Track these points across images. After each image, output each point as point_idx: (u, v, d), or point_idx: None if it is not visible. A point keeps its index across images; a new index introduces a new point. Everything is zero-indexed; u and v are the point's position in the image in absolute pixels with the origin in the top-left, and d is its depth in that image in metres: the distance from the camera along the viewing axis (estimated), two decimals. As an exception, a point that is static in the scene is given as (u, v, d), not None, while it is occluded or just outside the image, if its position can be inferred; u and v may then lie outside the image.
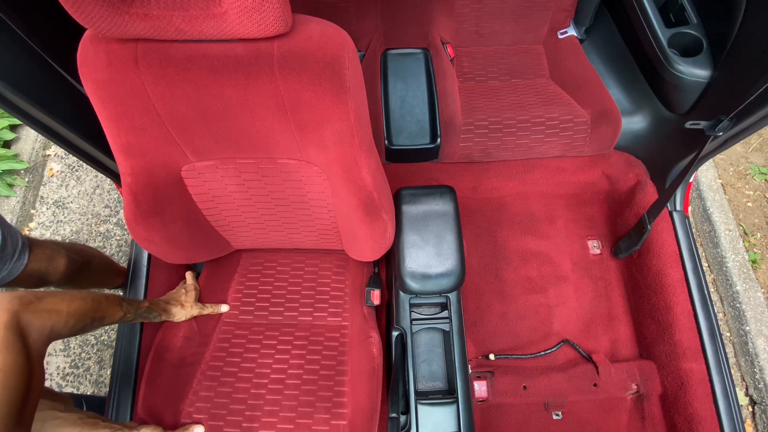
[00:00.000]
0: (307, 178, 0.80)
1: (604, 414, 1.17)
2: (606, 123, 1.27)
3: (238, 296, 1.09)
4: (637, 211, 1.26)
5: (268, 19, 0.54)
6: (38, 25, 0.80)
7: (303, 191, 0.84)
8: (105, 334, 1.65)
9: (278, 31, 0.57)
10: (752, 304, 1.67)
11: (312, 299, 1.08)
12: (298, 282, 1.11)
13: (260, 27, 0.55)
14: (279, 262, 1.13)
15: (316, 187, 0.82)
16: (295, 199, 0.86)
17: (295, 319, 1.06)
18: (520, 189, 1.42)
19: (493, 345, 1.26)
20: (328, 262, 1.13)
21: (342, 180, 0.76)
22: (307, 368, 0.99)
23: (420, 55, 1.39)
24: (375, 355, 0.97)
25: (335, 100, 0.64)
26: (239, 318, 1.06)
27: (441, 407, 0.92)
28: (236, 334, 1.04)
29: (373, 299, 1.06)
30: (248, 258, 1.14)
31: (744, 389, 1.62)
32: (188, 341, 1.01)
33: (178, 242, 0.92)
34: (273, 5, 0.53)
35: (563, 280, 1.33)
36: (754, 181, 1.96)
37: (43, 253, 0.92)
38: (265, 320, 1.06)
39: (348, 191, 0.78)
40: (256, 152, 0.76)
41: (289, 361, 1.00)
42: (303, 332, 1.04)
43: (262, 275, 1.12)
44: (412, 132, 1.32)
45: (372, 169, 0.76)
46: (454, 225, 0.95)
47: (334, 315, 1.06)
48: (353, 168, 0.73)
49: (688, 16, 1.08)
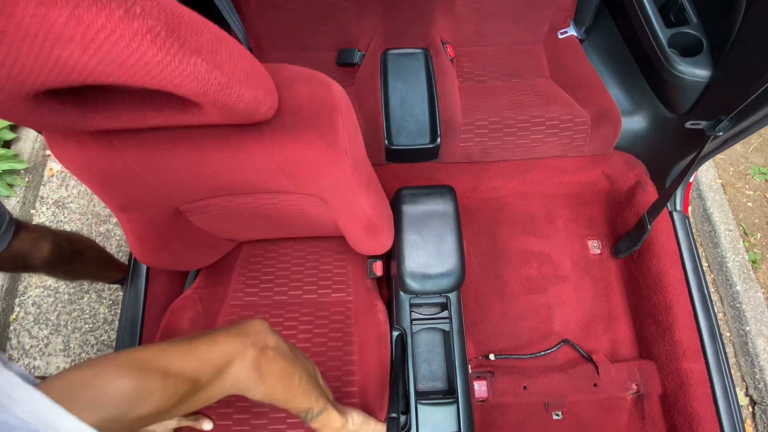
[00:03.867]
0: (306, 203, 0.81)
1: (604, 414, 1.17)
2: (606, 123, 1.27)
3: (242, 278, 1.10)
4: (637, 211, 1.26)
5: (253, 113, 0.50)
6: None
7: (303, 210, 0.85)
8: (105, 334, 1.65)
9: (265, 118, 0.54)
10: (752, 304, 1.67)
11: (315, 277, 1.10)
12: (301, 262, 1.12)
13: (246, 118, 0.51)
14: (281, 245, 1.15)
15: (316, 209, 0.83)
16: (296, 213, 0.87)
17: (300, 297, 1.07)
18: (520, 189, 1.42)
19: (493, 345, 1.26)
20: (329, 246, 1.14)
21: (341, 211, 0.78)
22: (315, 341, 1.01)
23: (420, 55, 1.39)
24: (381, 320, 0.99)
25: (332, 160, 0.62)
26: (244, 300, 1.07)
27: (441, 407, 0.92)
28: (242, 315, 1.05)
29: (375, 270, 1.07)
30: (250, 244, 1.15)
31: (744, 389, 1.62)
32: (194, 323, 1.02)
33: (186, 260, 0.96)
34: (258, 101, 0.49)
35: (563, 280, 1.33)
36: (754, 181, 1.96)
37: (29, 234, 0.92)
38: (270, 300, 1.07)
39: (347, 218, 0.79)
40: (253, 192, 0.76)
41: (296, 336, 1.02)
42: (309, 309, 1.05)
43: (264, 258, 1.13)
44: (412, 132, 1.32)
45: (371, 200, 0.76)
46: (454, 225, 0.95)
47: (338, 291, 1.08)
48: (353, 203, 0.74)
49: (688, 16, 1.08)
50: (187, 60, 0.38)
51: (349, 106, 0.64)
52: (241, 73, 0.44)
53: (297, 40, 1.43)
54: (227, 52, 0.42)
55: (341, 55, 1.41)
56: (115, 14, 0.32)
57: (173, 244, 0.87)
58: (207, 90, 0.41)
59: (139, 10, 0.33)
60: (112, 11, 0.32)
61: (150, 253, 0.84)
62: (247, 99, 0.46)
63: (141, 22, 0.33)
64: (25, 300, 1.70)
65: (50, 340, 1.64)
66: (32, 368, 1.61)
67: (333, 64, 1.43)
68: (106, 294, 1.71)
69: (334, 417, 0.72)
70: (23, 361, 1.63)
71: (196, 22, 0.39)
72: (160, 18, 0.35)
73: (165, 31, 0.35)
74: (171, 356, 0.47)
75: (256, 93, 0.47)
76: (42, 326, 1.66)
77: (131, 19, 0.33)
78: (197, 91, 0.41)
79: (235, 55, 0.44)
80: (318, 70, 0.62)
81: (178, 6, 0.38)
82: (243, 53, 0.45)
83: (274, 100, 0.52)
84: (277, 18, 1.37)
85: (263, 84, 0.49)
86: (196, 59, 0.38)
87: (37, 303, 1.70)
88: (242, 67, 0.44)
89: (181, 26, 0.37)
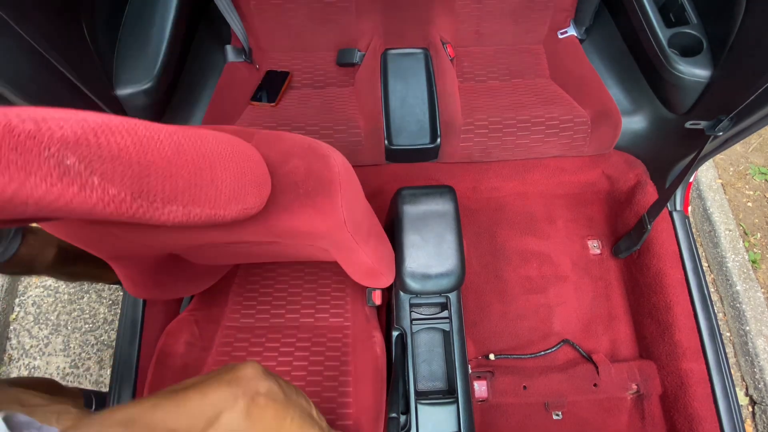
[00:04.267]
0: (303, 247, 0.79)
1: (604, 414, 1.17)
2: (606, 123, 1.27)
3: (239, 299, 1.09)
4: (637, 211, 1.26)
5: (243, 218, 0.47)
6: (40, 24, 0.80)
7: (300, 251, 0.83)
8: (105, 334, 1.65)
9: (257, 212, 0.50)
10: (752, 304, 1.67)
11: (313, 300, 1.08)
12: (299, 284, 1.10)
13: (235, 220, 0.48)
14: (278, 267, 1.14)
15: (316, 251, 0.82)
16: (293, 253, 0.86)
17: (297, 321, 1.06)
18: (520, 189, 1.42)
19: (493, 345, 1.26)
20: (328, 268, 1.13)
21: (340, 259, 0.76)
22: (311, 369, 0.99)
23: (420, 55, 1.39)
24: (378, 354, 0.98)
25: (329, 229, 0.60)
26: (240, 321, 1.06)
27: (441, 407, 0.92)
28: (238, 338, 1.04)
29: (374, 299, 1.06)
30: (247, 265, 1.15)
31: (744, 389, 1.62)
32: (190, 346, 1.01)
33: (181, 290, 0.94)
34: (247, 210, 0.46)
35: (563, 280, 1.33)
36: (754, 181, 1.96)
37: (36, 240, 0.93)
38: (267, 323, 1.06)
39: (346, 265, 0.78)
40: (249, 243, 0.75)
41: (292, 362, 1.00)
42: (305, 334, 1.04)
43: (261, 278, 1.12)
44: (412, 132, 1.32)
45: (371, 251, 0.74)
46: (454, 225, 0.95)
47: (336, 315, 1.06)
48: (351, 256, 0.73)
49: (688, 16, 1.08)
50: (160, 211, 0.35)
51: (350, 172, 0.61)
52: (227, 194, 0.42)
53: (297, 40, 1.43)
54: (209, 179, 0.39)
55: (341, 55, 1.41)
56: (68, 190, 0.29)
57: (166, 281, 0.85)
58: (190, 222, 0.39)
59: (97, 181, 0.30)
60: (65, 188, 0.29)
61: (143, 291, 0.82)
62: (233, 215, 0.44)
63: (100, 193, 0.30)
64: (25, 300, 1.70)
65: (50, 339, 1.64)
66: (32, 368, 1.61)
67: (333, 64, 1.43)
68: (106, 294, 1.71)
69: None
70: (23, 360, 1.63)
71: (169, 163, 0.35)
72: (124, 182, 0.32)
73: (131, 196, 0.32)
74: (161, 414, 0.47)
75: (245, 205, 0.45)
76: (42, 326, 1.66)
77: (89, 193, 0.30)
78: (179, 225, 0.39)
79: (219, 178, 0.40)
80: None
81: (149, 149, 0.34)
82: (231, 167, 0.42)
83: (265, 196, 0.49)
84: (277, 18, 1.37)
85: (253, 189, 0.46)
86: (171, 207, 0.36)
87: (37, 303, 1.70)
88: (227, 187, 0.41)
89: (150, 180, 0.34)
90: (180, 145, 0.37)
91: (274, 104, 1.32)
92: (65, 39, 0.89)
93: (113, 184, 0.31)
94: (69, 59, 0.87)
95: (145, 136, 0.34)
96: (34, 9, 0.79)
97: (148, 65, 1.07)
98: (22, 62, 0.77)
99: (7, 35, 0.73)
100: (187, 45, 1.28)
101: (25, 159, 0.28)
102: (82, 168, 0.29)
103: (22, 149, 0.27)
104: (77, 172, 0.29)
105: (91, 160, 0.30)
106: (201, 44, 1.35)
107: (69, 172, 0.29)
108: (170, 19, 1.13)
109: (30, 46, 0.77)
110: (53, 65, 0.82)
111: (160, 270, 0.81)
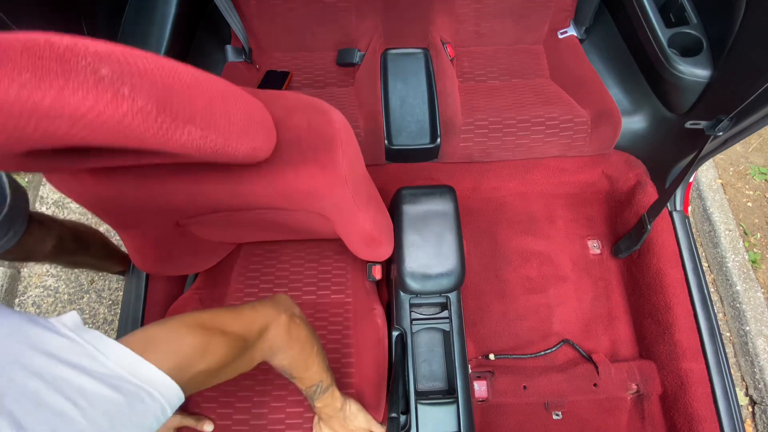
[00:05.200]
0: (305, 215, 0.81)
1: (604, 414, 1.17)
2: (606, 123, 1.27)
3: (241, 279, 1.10)
4: (637, 211, 1.26)
5: (252, 159, 0.49)
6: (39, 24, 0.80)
7: (302, 220, 0.85)
8: (105, 334, 1.65)
9: (264, 158, 0.53)
10: (752, 304, 1.67)
11: (315, 278, 1.10)
12: (300, 263, 1.12)
13: (244, 162, 0.51)
14: (280, 246, 1.15)
15: (315, 219, 0.83)
16: (295, 223, 0.88)
17: (300, 298, 1.07)
18: (520, 189, 1.42)
19: (493, 345, 1.26)
20: (329, 247, 1.14)
21: (341, 225, 0.78)
22: None
23: (420, 55, 1.39)
24: (380, 325, 0.99)
25: (332, 187, 0.62)
26: (244, 300, 1.08)
27: (441, 407, 0.92)
28: None
29: (375, 274, 1.07)
30: (249, 245, 1.16)
31: (744, 389, 1.62)
32: None
33: (186, 266, 0.97)
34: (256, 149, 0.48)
35: (563, 280, 1.33)
36: (754, 181, 1.96)
37: (38, 229, 0.96)
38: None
39: (347, 232, 0.80)
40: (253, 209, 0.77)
41: None
42: (308, 310, 1.06)
43: (264, 258, 1.13)
44: (412, 132, 1.32)
45: (371, 217, 0.76)
46: (454, 225, 0.95)
47: (338, 292, 1.08)
48: (352, 221, 0.75)
49: (688, 16, 1.08)
50: (180, 130, 0.37)
51: (349, 131, 0.63)
52: (238, 127, 0.44)
53: (297, 40, 1.43)
54: (222, 111, 0.42)
55: (341, 55, 1.41)
56: (102, 98, 0.31)
57: (173, 253, 0.88)
58: (203, 151, 0.41)
59: (127, 91, 0.32)
60: (99, 95, 0.31)
61: (150, 263, 0.85)
62: (244, 151, 0.46)
63: (130, 103, 0.33)
64: (25, 300, 1.70)
65: (50, 340, 1.64)
66: (32, 368, 1.61)
67: (333, 64, 1.43)
68: (106, 294, 1.71)
69: (336, 396, 0.78)
70: (23, 361, 1.63)
71: (188, 87, 0.38)
72: (151, 95, 0.34)
73: (156, 109, 0.35)
74: (225, 318, 0.55)
75: (254, 143, 0.47)
76: (42, 326, 1.66)
77: (120, 102, 0.32)
78: (194, 153, 0.41)
79: (231, 111, 0.43)
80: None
81: (170, 74, 0.37)
82: (240, 104, 0.45)
83: (272, 141, 0.52)
84: (277, 18, 1.37)
85: (261, 130, 0.49)
86: (190, 128, 0.38)
87: (37, 303, 1.70)
88: (238, 121, 0.44)
89: (172, 98, 0.36)
90: (196, 77, 0.40)
91: (274, 104, 1.32)
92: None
93: (141, 96, 0.33)
94: None
95: (165, 64, 0.37)
96: (33, 9, 0.79)
97: None
98: None
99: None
100: (187, 45, 1.29)
101: (64, 67, 0.30)
102: (115, 78, 0.32)
103: (62, 59, 0.30)
104: (110, 80, 0.32)
105: (122, 72, 0.33)
106: (201, 44, 1.35)
107: (103, 80, 0.31)
108: (170, 19, 1.13)
109: None
110: None
111: (167, 242, 0.82)
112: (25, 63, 0.29)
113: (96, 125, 0.32)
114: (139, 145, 0.36)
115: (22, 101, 0.29)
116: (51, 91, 0.29)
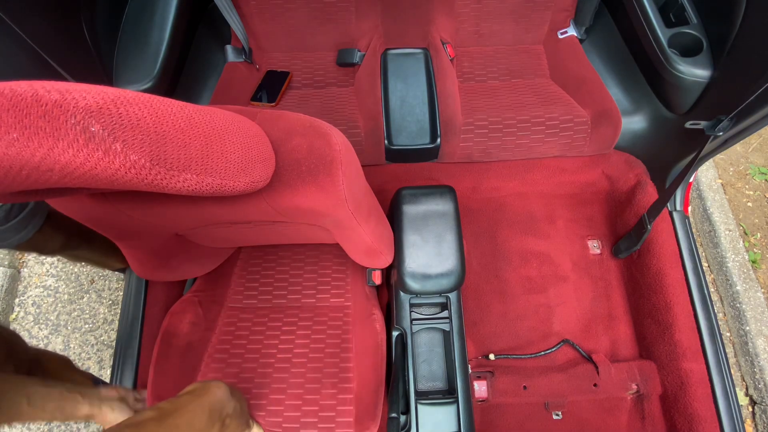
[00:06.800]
0: (306, 227, 0.81)
1: (604, 414, 1.17)
2: (606, 123, 1.27)
3: (241, 281, 1.10)
4: (637, 211, 1.26)
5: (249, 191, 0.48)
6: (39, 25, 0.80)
7: (302, 231, 0.86)
8: (105, 334, 1.65)
9: (263, 186, 0.52)
10: (752, 304, 1.67)
11: (314, 281, 1.10)
12: (300, 266, 1.12)
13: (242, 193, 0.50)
14: (280, 249, 1.15)
15: (316, 230, 0.83)
16: (295, 233, 0.88)
17: (299, 302, 1.08)
18: (520, 189, 1.42)
19: (493, 345, 1.26)
20: (329, 250, 1.15)
21: (341, 238, 0.78)
22: (313, 347, 1.01)
23: (420, 55, 1.39)
24: (378, 330, 0.99)
25: (331, 206, 0.61)
26: (243, 302, 1.08)
27: (441, 407, 0.92)
28: (241, 318, 1.06)
29: (374, 279, 1.07)
30: (249, 249, 1.16)
31: (744, 389, 1.62)
32: (194, 326, 1.03)
33: (186, 272, 0.98)
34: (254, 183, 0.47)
35: (563, 280, 1.33)
36: (754, 181, 1.96)
37: (49, 228, 0.99)
38: (269, 303, 1.08)
39: (347, 244, 0.81)
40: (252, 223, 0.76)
41: (294, 341, 1.02)
42: (307, 313, 1.06)
43: (263, 261, 1.13)
44: (412, 132, 1.32)
45: (371, 230, 0.75)
46: (454, 225, 0.95)
47: (337, 296, 1.08)
48: (353, 235, 0.75)
49: (688, 16, 1.08)
50: (176, 179, 0.37)
51: (350, 151, 0.62)
52: (235, 166, 0.43)
53: (297, 40, 1.43)
54: (219, 151, 0.41)
55: (341, 55, 1.41)
56: (93, 155, 0.31)
57: (172, 261, 0.88)
58: (201, 193, 0.41)
59: (120, 147, 0.32)
60: (90, 153, 0.30)
61: (149, 271, 0.85)
62: (242, 187, 0.46)
63: (123, 159, 0.32)
64: (25, 300, 1.70)
65: (50, 340, 1.64)
66: (32, 368, 1.61)
67: (333, 64, 1.43)
68: (106, 294, 1.71)
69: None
70: (23, 361, 1.63)
71: (183, 132, 0.38)
72: (144, 149, 0.33)
73: (150, 162, 0.34)
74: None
75: (251, 177, 0.46)
76: (42, 326, 1.66)
77: (112, 158, 0.32)
78: (191, 194, 0.41)
79: (228, 150, 0.42)
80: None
81: (164, 119, 0.36)
82: (237, 140, 0.44)
83: (270, 171, 0.51)
84: (277, 18, 1.37)
85: (259, 163, 0.48)
86: (186, 175, 0.38)
87: (37, 303, 1.70)
88: (236, 159, 0.43)
89: (167, 147, 0.36)
90: (191, 118, 0.39)
91: (274, 104, 1.32)
92: (65, 39, 0.89)
93: (134, 151, 0.33)
94: (69, 60, 0.88)
95: (159, 107, 0.36)
96: (33, 10, 0.79)
97: (148, 65, 1.08)
98: (22, 63, 0.77)
99: (6, 36, 0.73)
100: (187, 45, 1.29)
101: (53, 126, 0.29)
102: (106, 135, 0.31)
103: (50, 117, 0.29)
104: (102, 138, 0.31)
105: (113, 128, 0.32)
106: (201, 44, 1.35)
107: (94, 138, 0.31)
108: (170, 19, 1.13)
109: (29, 47, 0.77)
110: (53, 66, 0.82)
111: (166, 251, 0.83)
112: (11, 121, 0.28)
113: (88, 177, 0.32)
114: (133, 189, 0.36)
115: (11, 158, 0.29)
116: (41, 150, 0.29)
